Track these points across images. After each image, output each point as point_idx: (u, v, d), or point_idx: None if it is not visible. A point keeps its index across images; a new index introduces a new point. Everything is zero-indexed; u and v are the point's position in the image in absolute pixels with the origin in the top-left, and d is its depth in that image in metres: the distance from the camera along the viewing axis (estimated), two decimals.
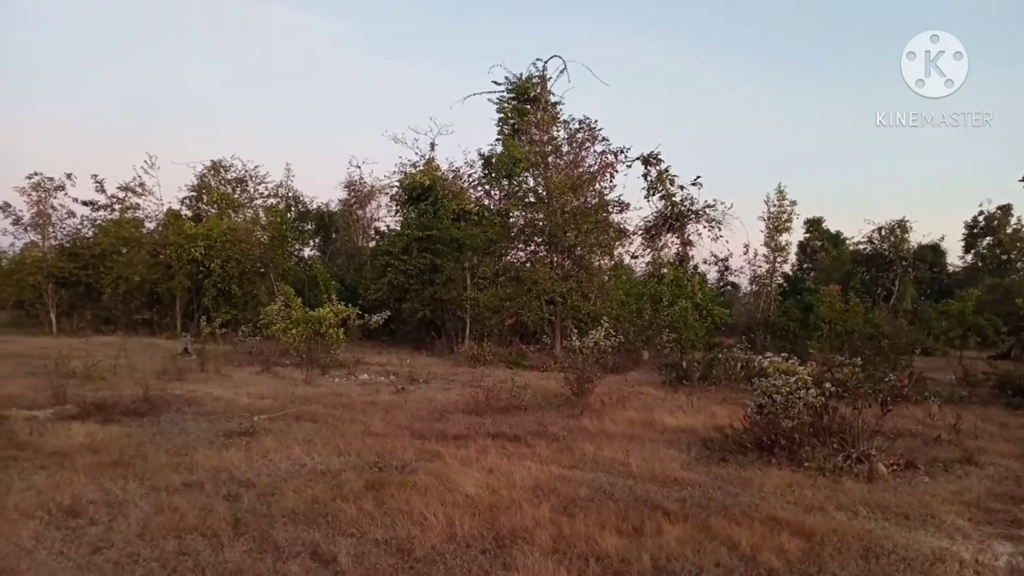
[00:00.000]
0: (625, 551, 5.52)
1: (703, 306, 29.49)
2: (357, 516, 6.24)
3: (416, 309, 30.13)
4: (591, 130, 28.51)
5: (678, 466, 8.79)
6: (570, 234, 26.81)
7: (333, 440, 9.74)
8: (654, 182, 30.13)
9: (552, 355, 24.52)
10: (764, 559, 5.46)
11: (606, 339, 15.77)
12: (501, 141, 30.32)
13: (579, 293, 26.73)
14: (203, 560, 5.20)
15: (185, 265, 33.60)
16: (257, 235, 36.92)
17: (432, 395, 15.34)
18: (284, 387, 16.04)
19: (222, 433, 10.17)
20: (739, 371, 17.77)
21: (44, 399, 12.13)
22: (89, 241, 36.62)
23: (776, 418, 9.66)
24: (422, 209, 31.24)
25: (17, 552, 5.24)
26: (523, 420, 12.05)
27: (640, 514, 6.49)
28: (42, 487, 6.94)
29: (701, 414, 12.94)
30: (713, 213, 30.14)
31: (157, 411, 11.86)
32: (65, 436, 9.30)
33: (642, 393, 16.01)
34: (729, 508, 6.84)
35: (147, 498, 6.72)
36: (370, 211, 44.47)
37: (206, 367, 18.68)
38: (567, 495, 7.12)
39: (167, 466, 8.05)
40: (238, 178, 40.87)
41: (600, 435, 10.78)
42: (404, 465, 8.33)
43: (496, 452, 9.17)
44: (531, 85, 29.95)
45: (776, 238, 41.61)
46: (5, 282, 36.12)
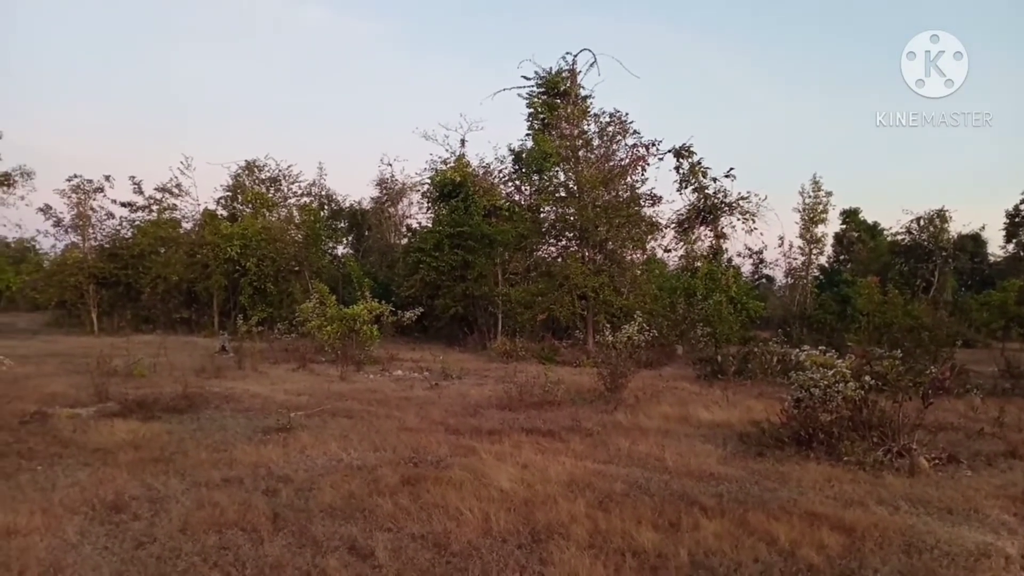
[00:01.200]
0: (661, 546, 5.49)
1: (738, 300, 29.22)
2: (393, 511, 6.29)
3: (448, 305, 30.25)
4: (622, 123, 28.27)
5: (714, 461, 8.72)
6: (602, 228, 26.65)
7: (369, 436, 9.83)
8: (686, 175, 29.82)
9: (585, 350, 24.43)
10: (803, 554, 5.39)
11: (639, 334, 15.66)
12: (531, 136, 30.23)
13: (611, 288, 26.54)
14: (243, 554, 5.28)
15: (221, 264, 34.11)
16: (291, 234, 37.31)
17: (466, 391, 15.38)
18: (320, 384, 16.20)
19: (260, 429, 10.32)
20: (775, 365, 17.55)
21: (87, 397, 12.40)
22: (128, 241, 37.37)
23: (814, 412, 9.54)
24: (453, 206, 31.33)
25: (63, 547, 5.36)
26: (557, 415, 12.04)
27: (676, 509, 6.45)
28: (86, 483, 7.10)
29: (737, 408, 12.81)
30: (747, 205, 29.76)
31: (196, 408, 12.07)
32: (107, 433, 9.51)
33: (676, 388, 15.91)
34: (767, 503, 6.77)
35: (188, 493, 6.84)
36: (402, 208, 44.77)
37: (243, 364, 18.96)
38: (602, 490, 7.10)
39: (207, 462, 8.19)
40: (272, 177, 41.42)
41: (634, 430, 10.73)
42: (439, 460, 8.38)
43: (530, 447, 9.18)
44: (561, 79, 29.81)
45: (812, 230, 41.08)
46: (47, 283, 37.07)
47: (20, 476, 7.38)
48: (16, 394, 12.61)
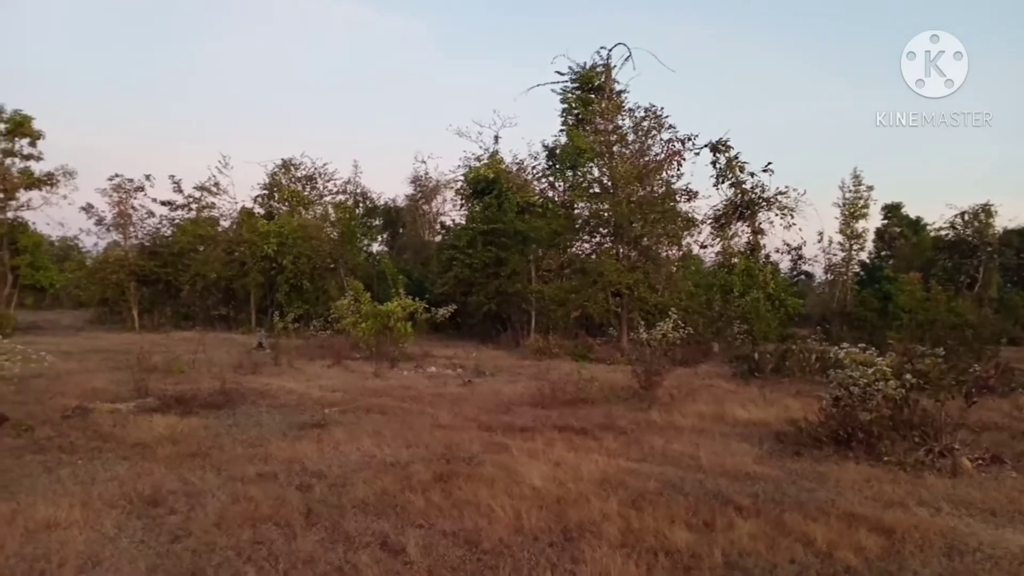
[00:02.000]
0: (695, 546, 5.40)
1: (775, 296, 28.78)
2: (425, 507, 6.29)
3: (482, 302, 30.31)
4: (657, 118, 28.00)
5: (750, 460, 8.58)
6: (636, 224, 26.44)
7: (402, 432, 9.86)
8: (723, 169, 29.43)
9: (619, 348, 24.28)
10: (841, 556, 5.27)
11: (674, 331, 15.54)
12: (565, 132, 30.13)
13: (646, 284, 26.35)
14: (277, 549, 5.31)
15: (258, 262, 34.59)
16: (327, 231, 37.69)
17: (498, 388, 15.38)
18: (354, 380, 16.33)
19: (295, 425, 10.43)
20: (814, 363, 17.27)
21: (127, 392, 12.65)
22: (168, 240, 38.11)
23: (853, 411, 9.36)
24: (486, 202, 31.37)
25: (101, 540, 5.44)
26: (590, 413, 11.97)
27: (711, 509, 6.35)
28: (124, 477, 7.23)
29: (774, 407, 12.61)
30: (785, 200, 29.24)
31: (233, 404, 12.25)
32: (146, 428, 9.68)
33: (712, 386, 15.73)
34: (804, 503, 6.64)
35: (224, 488, 6.91)
36: (436, 206, 45.01)
37: (279, 361, 19.18)
38: (635, 489, 7.02)
39: (243, 457, 8.29)
40: (307, 176, 41.87)
41: (669, 428, 10.62)
42: (471, 457, 8.37)
43: (563, 445, 9.13)
44: (595, 74, 29.65)
45: (852, 225, 40.38)
46: (90, 280, 37.93)
47: (61, 470, 7.54)
48: (59, 389, 12.90)
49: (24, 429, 9.35)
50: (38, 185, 34.57)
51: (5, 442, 8.76)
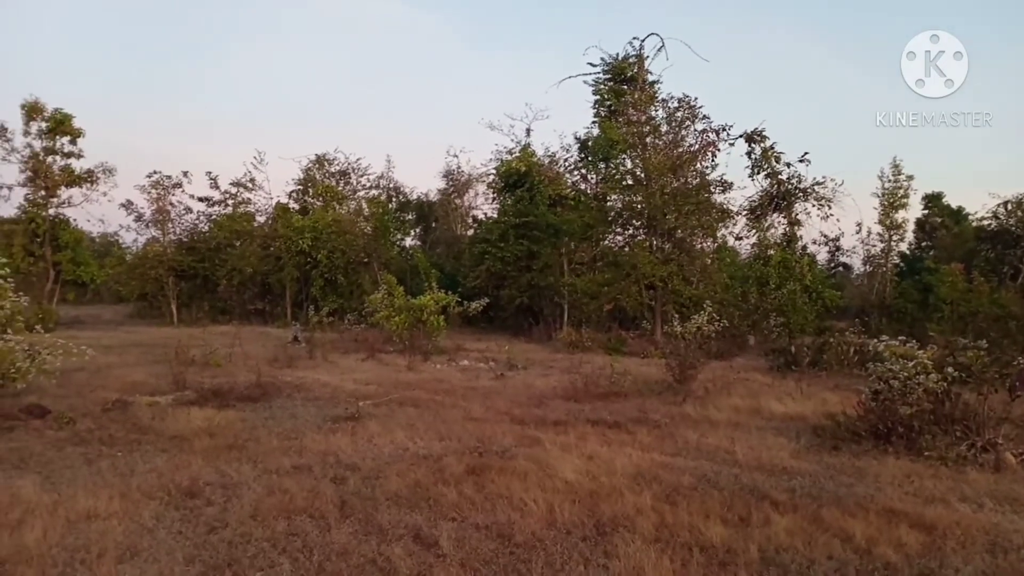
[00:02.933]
0: (731, 541, 5.34)
1: (813, 288, 28.24)
2: (458, 500, 6.30)
3: (514, 296, 30.30)
4: (691, 108, 27.67)
5: (787, 455, 8.47)
6: (670, 216, 26.19)
7: (435, 425, 9.90)
8: (759, 160, 28.93)
9: (652, 341, 24.10)
10: (880, 552, 5.16)
11: (709, 324, 15.39)
12: (597, 123, 29.98)
13: (680, 277, 26.12)
14: (311, 541, 5.35)
15: (294, 256, 34.95)
16: (360, 226, 37.95)
17: (531, 381, 15.36)
18: (388, 373, 16.44)
19: (329, 418, 10.52)
20: (852, 356, 16.96)
21: (165, 385, 12.87)
22: (205, 235, 38.69)
23: (893, 405, 9.20)
24: (518, 196, 31.33)
25: (139, 530, 5.53)
26: (623, 407, 11.90)
27: (746, 504, 6.28)
28: (163, 469, 7.35)
29: (811, 401, 12.42)
30: (822, 191, 28.61)
31: (269, 397, 12.40)
32: (184, 421, 9.84)
33: (748, 379, 15.54)
34: (842, 499, 6.53)
35: (259, 480, 7.00)
36: (468, 199, 45.10)
37: (314, 354, 19.38)
38: (669, 483, 6.97)
39: (278, 449, 8.38)
40: (341, 171, 42.19)
41: (703, 422, 10.52)
42: (504, 450, 8.37)
43: (596, 439, 9.09)
44: (628, 65, 29.42)
45: (891, 215, 39.60)
46: (130, 276, 38.64)
47: (101, 462, 7.68)
48: (99, 383, 13.16)
49: (66, 421, 9.54)
50: (79, 182, 35.27)
51: (47, 434, 8.96)
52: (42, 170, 34.07)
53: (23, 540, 5.15)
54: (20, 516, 5.65)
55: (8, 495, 6.16)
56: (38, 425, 9.39)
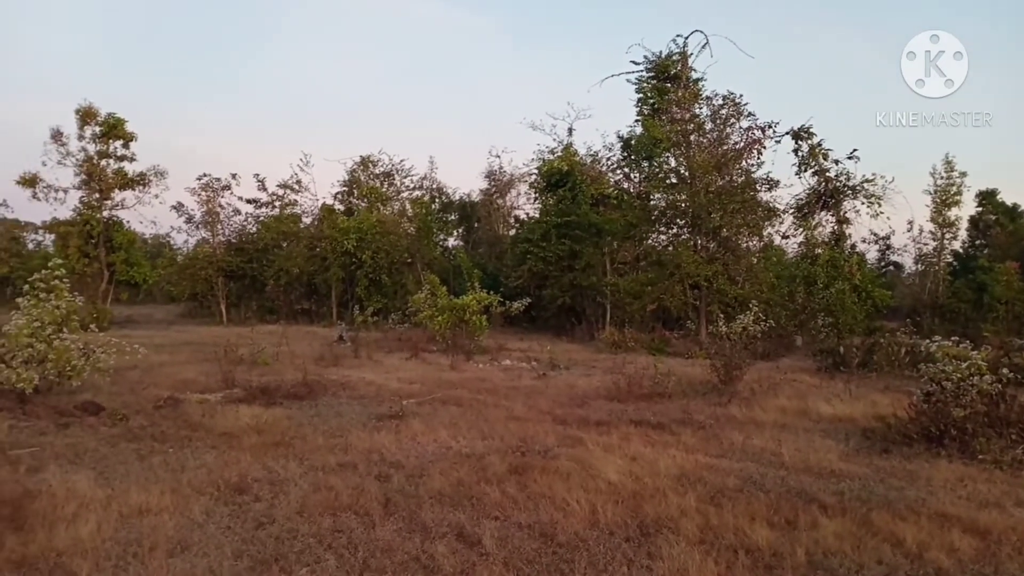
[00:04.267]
0: (777, 544, 5.26)
1: (862, 288, 27.65)
2: (501, 499, 6.31)
3: (556, 296, 30.25)
4: (736, 105, 27.36)
5: (835, 457, 8.30)
6: (715, 215, 25.89)
7: (477, 424, 9.94)
8: (806, 157, 28.44)
9: (697, 341, 23.84)
10: (932, 558, 5.04)
11: (755, 324, 15.17)
12: (640, 122, 29.73)
13: (725, 276, 25.81)
14: (356, 538, 5.42)
15: (339, 257, 35.40)
16: (404, 226, 38.30)
17: (573, 381, 15.32)
18: (431, 372, 16.54)
19: (374, 416, 10.64)
20: (903, 357, 16.57)
21: (215, 383, 13.13)
22: (253, 236, 39.43)
23: (946, 407, 8.97)
24: (560, 195, 31.27)
25: (189, 525, 5.66)
26: (667, 408, 11.80)
27: (793, 506, 6.18)
28: (212, 465, 7.50)
29: (860, 402, 12.16)
30: (872, 188, 28.01)
31: (315, 395, 12.56)
32: (233, 418, 10.02)
33: (795, 380, 15.29)
34: (893, 502, 6.39)
35: (306, 477, 7.10)
36: (510, 199, 45.16)
37: (359, 353, 19.62)
38: (714, 485, 6.89)
39: (324, 447, 8.49)
40: (385, 172, 42.61)
41: (749, 424, 10.38)
42: (546, 450, 8.36)
43: (639, 439, 9.02)
44: (671, 63, 29.15)
45: (944, 213, 38.59)
46: (180, 276, 39.59)
47: (153, 458, 7.87)
48: (151, 381, 13.47)
49: (119, 418, 9.79)
50: (131, 185, 36.16)
51: (102, 431, 9.19)
52: (96, 173, 35.02)
53: (78, 533, 5.29)
54: (75, 510, 5.80)
55: (64, 489, 6.32)
56: (93, 422, 9.62)
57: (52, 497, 6.11)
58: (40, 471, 7.09)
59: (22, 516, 5.67)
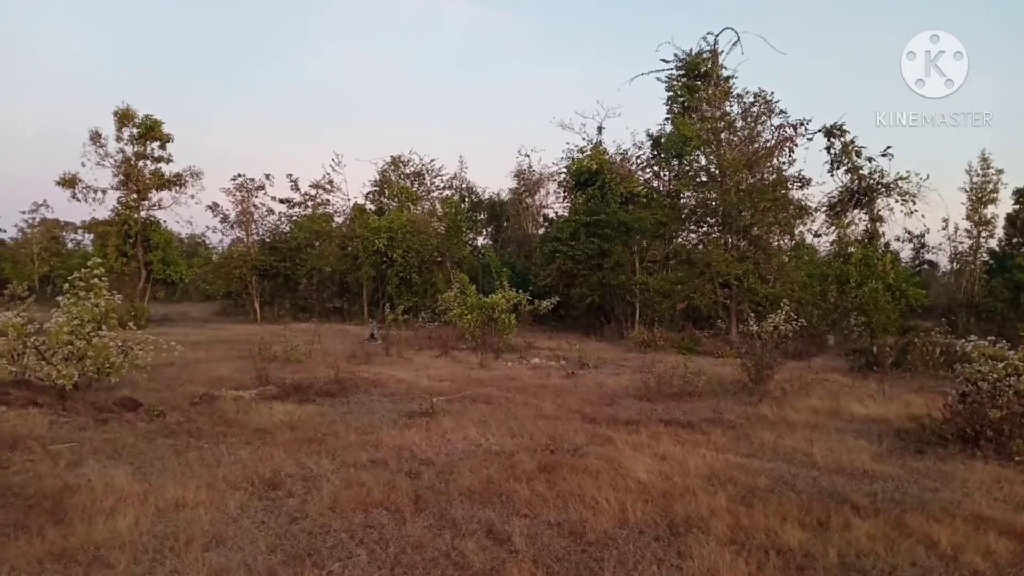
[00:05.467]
0: (809, 545, 5.23)
1: (896, 287, 27.29)
2: (530, 497, 6.34)
3: (585, 294, 30.20)
4: (767, 103, 27.10)
5: (868, 458, 8.21)
6: (746, 213, 25.67)
7: (506, 422, 9.98)
8: (838, 155, 28.14)
9: (727, 340, 23.66)
10: (967, 560, 4.97)
11: (786, 323, 15.02)
12: (670, 120, 29.62)
13: (756, 275, 25.57)
14: (387, 533, 5.48)
15: (370, 256, 35.72)
16: (434, 226, 38.47)
17: (602, 380, 15.31)
18: (460, 370, 16.63)
19: (404, 413, 10.73)
20: (938, 357, 16.29)
21: (249, 380, 13.36)
22: (286, 236, 39.96)
23: (982, 407, 8.81)
24: (589, 194, 31.21)
25: (224, 519, 5.77)
26: (697, 407, 11.74)
27: (825, 507, 6.13)
28: (247, 461, 7.63)
29: (894, 403, 12.00)
30: (906, 186, 27.67)
31: (347, 392, 12.71)
32: (267, 414, 10.19)
33: (827, 380, 15.12)
34: (927, 504, 6.31)
35: (338, 473, 7.19)
36: (539, 198, 45.11)
37: (390, 351, 19.80)
38: (745, 485, 6.85)
39: (355, 443, 8.59)
40: (416, 172, 42.89)
41: (780, 423, 10.30)
42: (575, 449, 8.38)
43: (669, 438, 9.00)
44: (702, 60, 28.98)
45: (980, 211, 37.81)
46: (216, 275, 40.25)
47: (189, 453, 8.03)
48: (187, 377, 13.73)
49: (156, 414, 9.98)
50: (168, 186, 36.80)
51: (139, 426, 9.38)
52: (134, 174, 35.68)
53: (116, 527, 5.40)
54: (113, 504, 5.93)
55: (103, 484, 6.47)
56: (131, 417, 9.81)
57: (91, 491, 6.25)
58: (79, 466, 7.25)
59: (62, 509, 5.81)
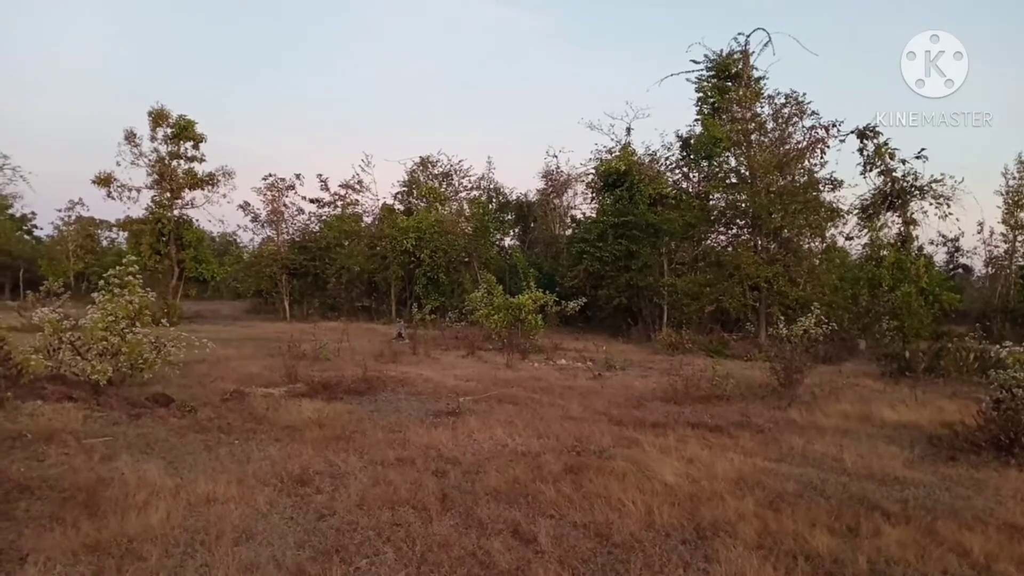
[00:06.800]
0: (838, 551, 5.17)
1: (929, 291, 26.83)
2: (556, 498, 6.34)
3: (612, 296, 30.11)
4: (799, 104, 26.82)
5: (899, 464, 8.09)
6: (776, 215, 25.42)
7: (533, 423, 9.98)
8: (871, 157, 27.70)
9: (756, 343, 23.48)
10: (1001, 569, 4.89)
11: (817, 327, 14.85)
12: (700, 121, 29.40)
13: (786, 278, 25.32)
14: (414, 531, 5.51)
15: (398, 256, 35.95)
16: (462, 226, 38.64)
17: (629, 382, 15.26)
18: (487, 370, 16.68)
19: (431, 412, 10.79)
20: (972, 362, 16.04)
21: (279, 378, 13.49)
22: (316, 235, 40.37)
23: (1017, 414, 8.64)
24: (618, 195, 31.12)
25: (254, 515, 5.84)
26: (725, 410, 11.66)
27: (855, 513, 6.06)
28: (276, 457, 7.71)
29: (926, 408, 11.82)
30: (940, 189, 27.16)
31: (374, 390, 12.80)
32: (296, 412, 10.28)
33: (858, 385, 14.95)
34: (959, 511, 6.21)
35: (365, 471, 7.24)
36: (566, 199, 45.15)
37: (417, 350, 19.91)
38: (773, 489, 6.79)
39: (383, 442, 8.65)
40: (444, 173, 43.16)
41: (810, 428, 10.19)
42: (602, 450, 8.36)
43: (696, 442, 8.94)
44: (732, 61, 28.75)
45: (1016, 214, 37.11)
46: (246, 273, 40.79)
47: (220, 449, 8.14)
48: (218, 374, 13.92)
49: (188, 410, 10.11)
50: (201, 185, 37.30)
51: (171, 422, 9.50)
52: (167, 173, 36.22)
53: (149, 520, 5.49)
54: (146, 498, 6.02)
55: (135, 478, 6.57)
56: (163, 413, 9.95)
57: (124, 485, 6.36)
58: (113, 460, 7.37)
59: (96, 502, 5.91)
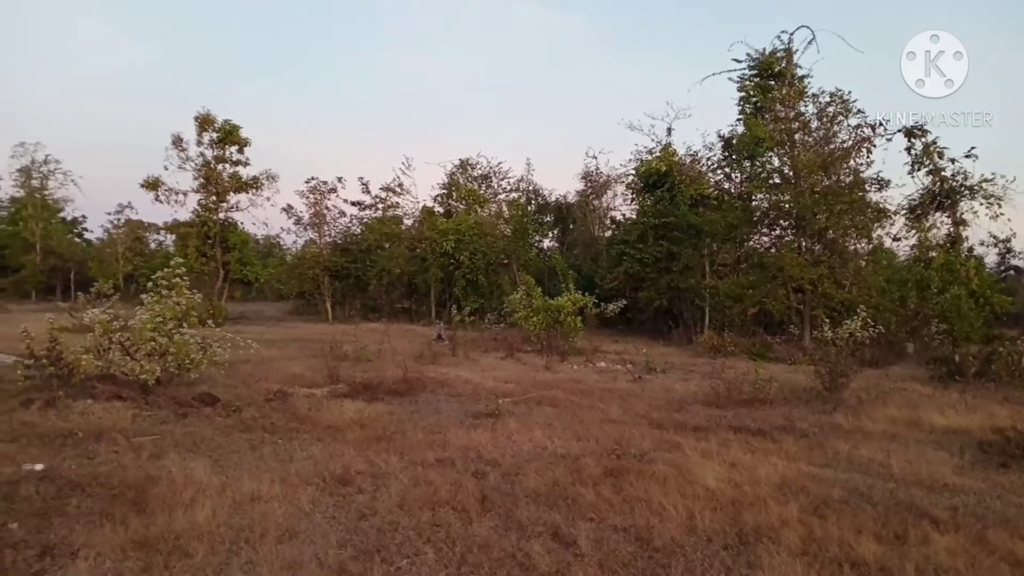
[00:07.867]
0: (885, 559, 5.06)
1: (980, 293, 26.11)
2: (596, 501, 6.31)
3: (652, 298, 29.91)
4: (844, 102, 26.34)
5: (949, 470, 7.89)
6: (820, 216, 24.99)
7: (572, 425, 9.96)
8: (919, 156, 27.04)
9: (800, 347, 23.07)
10: None
11: (863, 330, 14.55)
12: (742, 121, 29.03)
13: (831, 280, 24.88)
14: (454, 532, 5.54)
15: (438, 258, 36.20)
16: (501, 228, 38.75)
17: (670, 385, 15.13)
18: (526, 372, 16.68)
19: (471, 414, 10.82)
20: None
21: (321, 379, 13.66)
22: (357, 237, 40.92)
23: None
24: (658, 196, 30.92)
25: (297, 514, 5.91)
26: (768, 414, 11.48)
27: (903, 520, 5.92)
28: (318, 457, 7.80)
29: (977, 414, 11.51)
30: (992, 188, 26.39)
31: (415, 391, 12.89)
32: (338, 412, 10.39)
33: (906, 389, 14.63)
34: (1011, 520, 6.03)
35: (406, 471, 7.29)
36: (606, 201, 44.95)
37: (457, 352, 20.00)
38: (818, 495, 6.67)
39: (423, 443, 8.70)
40: (483, 175, 43.36)
41: (856, 433, 9.98)
42: (642, 454, 8.30)
43: (739, 446, 8.83)
44: (775, 60, 28.32)
45: None
46: (289, 275, 41.46)
47: (264, 448, 8.26)
48: (263, 375, 14.14)
49: (233, 410, 10.28)
50: (245, 188, 38.11)
51: (217, 421, 9.68)
52: (213, 177, 37.04)
53: (195, 518, 5.59)
54: (192, 495, 6.13)
55: (183, 476, 6.70)
56: (209, 412, 10.14)
57: (171, 483, 6.48)
58: (161, 458, 7.51)
59: (144, 500, 6.04)
